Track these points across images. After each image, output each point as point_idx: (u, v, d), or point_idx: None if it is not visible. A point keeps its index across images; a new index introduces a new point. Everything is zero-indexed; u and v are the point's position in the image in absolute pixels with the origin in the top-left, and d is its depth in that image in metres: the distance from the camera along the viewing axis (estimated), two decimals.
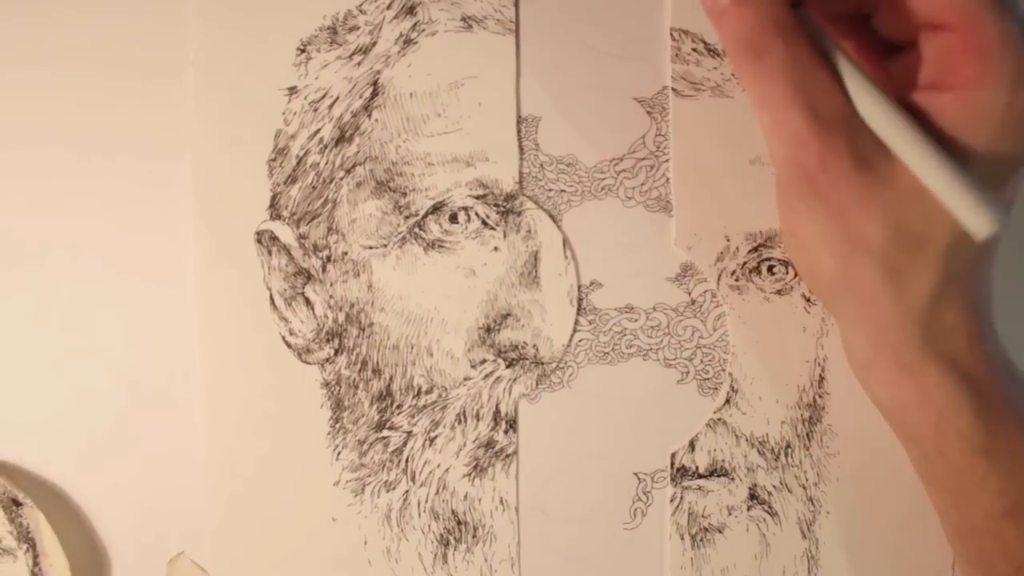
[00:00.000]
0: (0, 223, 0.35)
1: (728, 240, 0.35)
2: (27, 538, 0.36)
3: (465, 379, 0.35)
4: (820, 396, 0.35)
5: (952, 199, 0.25)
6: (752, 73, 0.27)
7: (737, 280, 0.35)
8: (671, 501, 0.35)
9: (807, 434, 0.35)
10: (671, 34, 0.34)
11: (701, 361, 0.35)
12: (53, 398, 0.36)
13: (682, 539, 0.35)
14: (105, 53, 0.35)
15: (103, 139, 0.35)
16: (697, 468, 0.35)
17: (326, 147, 0.34)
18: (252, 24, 0.34)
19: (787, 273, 0.35)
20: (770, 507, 0.35)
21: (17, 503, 0.35)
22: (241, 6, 0.34)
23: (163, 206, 0.35)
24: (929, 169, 0.26)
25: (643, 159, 0.34)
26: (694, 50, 0.34)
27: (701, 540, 0.35)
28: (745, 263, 0.35)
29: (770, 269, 0.35)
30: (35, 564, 0.36)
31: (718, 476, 0.35)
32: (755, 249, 0.35)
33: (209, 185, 0.35)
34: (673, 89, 0.34)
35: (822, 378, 0.35)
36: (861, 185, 0.27)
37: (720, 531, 0.35)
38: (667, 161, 0.34)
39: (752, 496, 0.35)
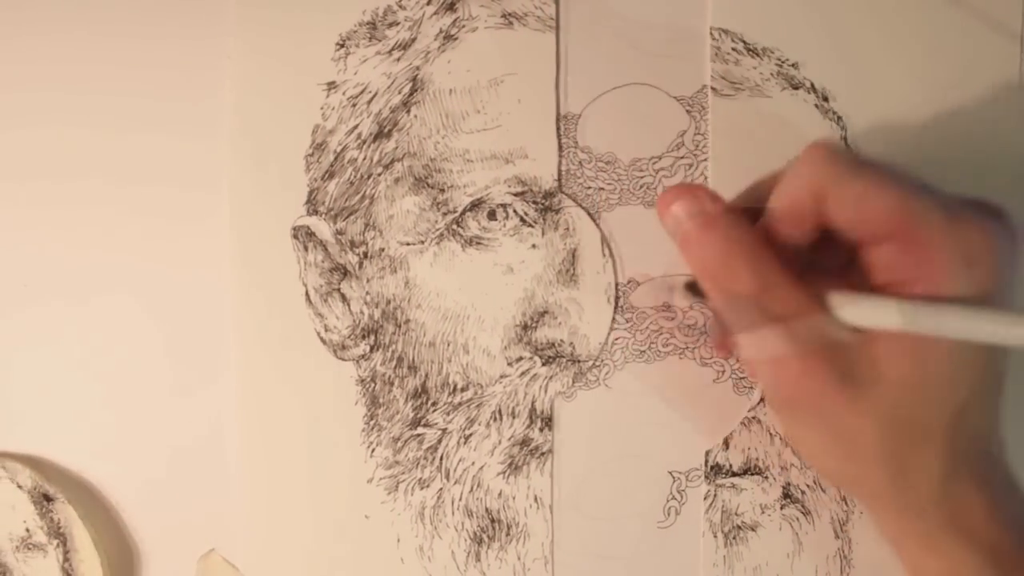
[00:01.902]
0: (34, 216, 0.35)
1: None
2: (58, 534, 0.35)
3: (501, 376, 0.35)
4: None
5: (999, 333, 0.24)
6: (724, 300, 0.27)
7: None
8: (705, 499, 0.35)
9: None
10: (711, 33, 0.34)
11: (737, 360, 0.35)
12: (86, 394, 0.35)
13: (715, 537, 0.35)
14: (143, 48, 0.35)
15: (137, 132, 0.35)
16: (731, 466, 0.35)
17: (364, 143, 0.34)
18: (291, 19, 0.34)
19: None
20: (803, 506, 0.35)
21: (49, 498, 0.35)
22: (281, 1, 0.34)
23: (198, 201, 0.35)
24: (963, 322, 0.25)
25: (682, 158, 0.34)
26: (734, 49, 0.34)
27: (734, 538, 0.35)
28: None
29: None
30: (66, 560, 0.35)
31: (752, 474, 0.35)
32: None
33: (245, 180, 0.34)
34: (712, 88, 0.34)
35: None
36: (846, 399, 0.27)
37: (753, 529, 0.35)
38: (705, 160, 0.34)
39: (786, 495, 0.35)
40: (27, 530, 0.35)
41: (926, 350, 0.26)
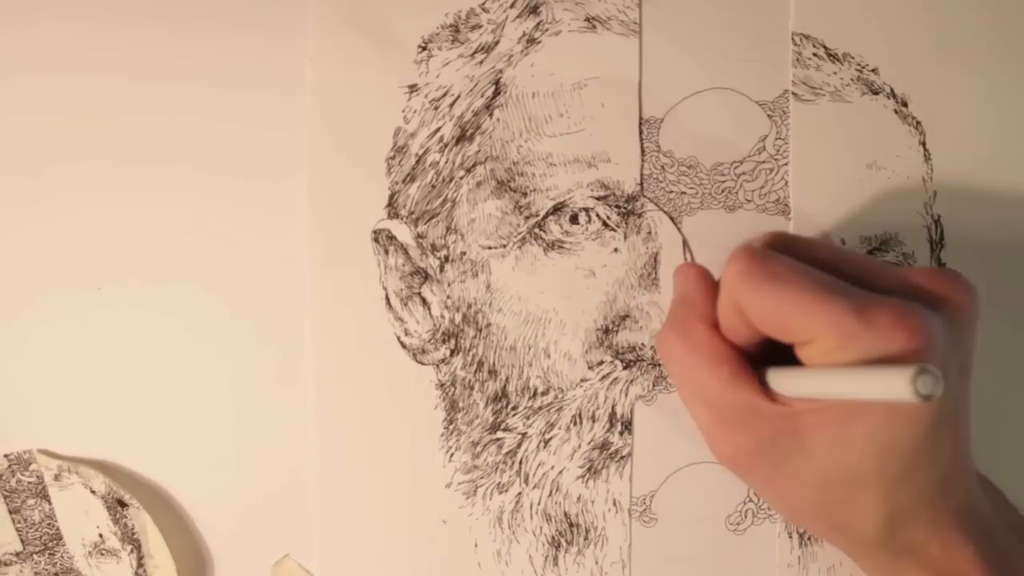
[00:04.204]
0: (109, 219, 0.35)
1: (843, 243, 0.35)
2: (132, 539, 0.35)
3: (582, 380, 0.35)
4: None
5: (885, 388, 0.24)
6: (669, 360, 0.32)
7: None
8: None
9: None
10: (793, 38, 0.34)
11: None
12: (160, 400, 0.35)
13: (790, 537, 0.35)
14: (225, 47, 0.34)
15: (218, 134, 0.34)
16: None
17: (446, 146, 0.34)
18: (372, 21, 0.34)
19: None
20: None
21: (122, 503, 0.35)
22: (362, 2, 0.34)
23: (278, 204, 0.35)
24: (851, 383, 0.25)
25: (763, 162, 0.35)
26: (815, 55, 0.34)
27: (809, 538, 0.36)
28: None
29: None
30: (139, 565, 0.35)
31: None
32: (869, 253, 0.35)
33: (325, 183, 0.34)
34: (793, 93, 0.34)
35: None
36: (770, 465, 0.29)
37: None
38: (786, 165, 0.35)
39: None
40: (100, 535, 0.35)
41: (850, 415, 0.27)
